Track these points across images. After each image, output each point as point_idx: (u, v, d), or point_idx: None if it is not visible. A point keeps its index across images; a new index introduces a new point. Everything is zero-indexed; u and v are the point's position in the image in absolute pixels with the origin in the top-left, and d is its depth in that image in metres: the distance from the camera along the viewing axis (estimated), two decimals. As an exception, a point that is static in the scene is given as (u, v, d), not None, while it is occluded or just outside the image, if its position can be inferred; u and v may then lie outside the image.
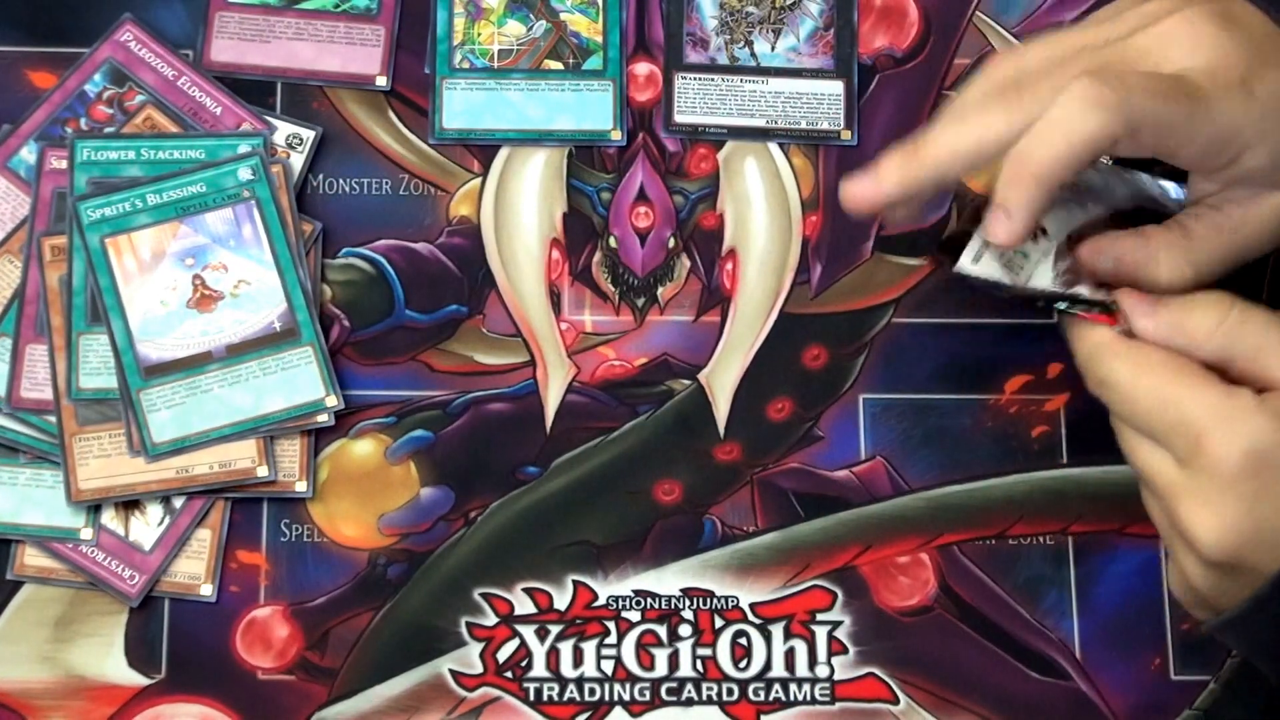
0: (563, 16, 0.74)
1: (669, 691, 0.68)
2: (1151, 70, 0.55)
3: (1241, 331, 0.55)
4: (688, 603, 0.69)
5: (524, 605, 0.68)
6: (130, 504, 0.68)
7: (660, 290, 0.72)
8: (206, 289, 0.69)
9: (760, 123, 0.73)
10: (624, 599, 0.68)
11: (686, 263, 0.72)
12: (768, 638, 0.68)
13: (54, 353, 0.69)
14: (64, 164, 0.70)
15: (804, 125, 0.73)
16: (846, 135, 0.73)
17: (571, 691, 0.67)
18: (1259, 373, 0.54)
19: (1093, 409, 0.70)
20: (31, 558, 0.68)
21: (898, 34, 0.74)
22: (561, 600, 0.68)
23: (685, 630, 0.68)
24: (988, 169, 0.56)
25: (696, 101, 0.73)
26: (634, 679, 0.68)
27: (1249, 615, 0.54)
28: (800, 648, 0.68)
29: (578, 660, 0.68)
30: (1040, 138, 0.54)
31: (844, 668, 0.68)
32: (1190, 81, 0.54)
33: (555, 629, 0.68)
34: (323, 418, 0.69)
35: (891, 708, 0.68)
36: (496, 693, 0.67)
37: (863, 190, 0.59)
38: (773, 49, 0.74)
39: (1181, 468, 0.54)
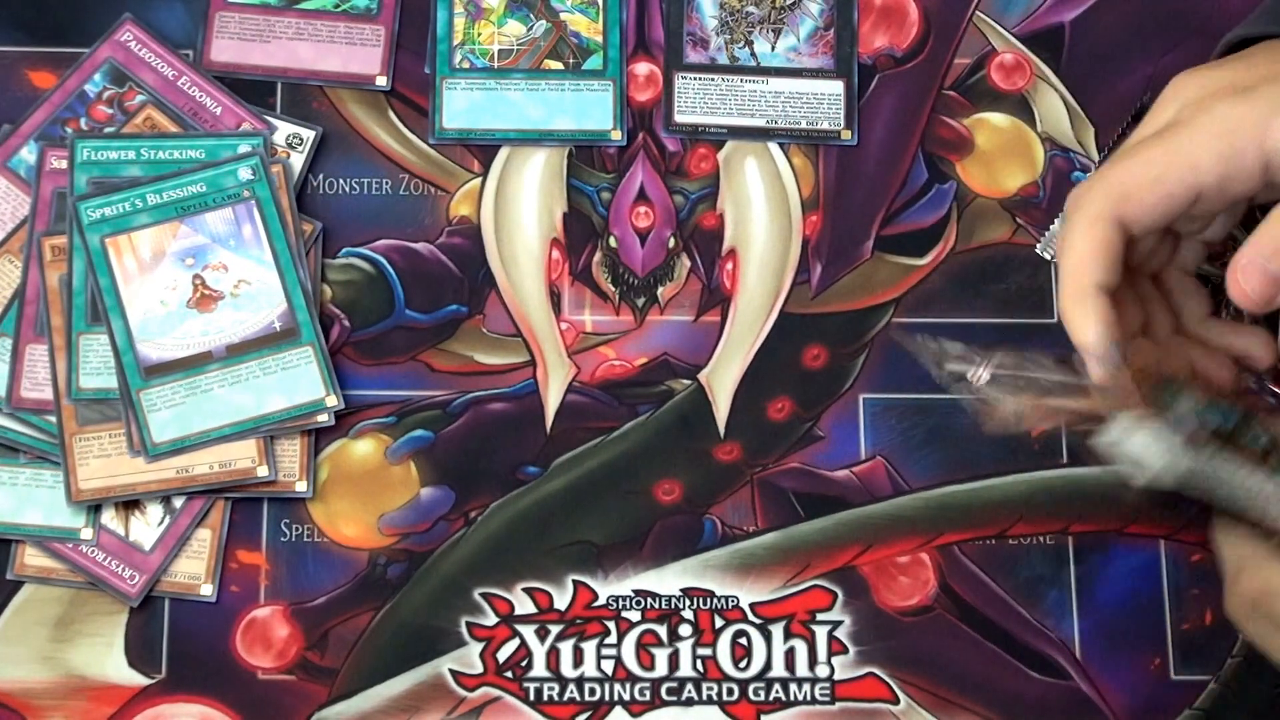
0: (563, 16, 0.74)
1: (669, 691, 0.68)
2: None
3: None
4: (688, 603, 0.69)
5: (524, 605, 0.68)
6: (130, 504, 0.68)
7: (660, 290, 0.72)
8: (206, 289, 0.69)
9: (760, 123, 0.73)
10: (624, 599, 0.68)
11: (686, 263, 0.72)
12: (768, 638, 0.68)
13: (54, 353, 0.69)
14: (64, 164, 0.70)
15: (804, 125, 0.73)
16: (846, 135, 0.73)
17: (571, 691, 0.67)
18: None
19: (1093, 409, 0.70)
20: (31, 558, 0.68)
21: (898, 34, 0.74)
22: (561, 600, 0.68)
23: (685, 630, 0.68)
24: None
25: (696, 101, 0.73)
26: (634, 679, 0.68)
27: None
28: (800, 648, 0.68)
29: (578, 660, 0.68)
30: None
31: (844, 668, 0.68)
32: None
33: (555, 629, 0.68)
34: (323, 418, 0.69)
35: (891, 708, 0.68)
36: (496, 693, 0.67)
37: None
38: (773, 49, 0.74)
39: None
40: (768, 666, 0.68)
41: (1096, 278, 0.55)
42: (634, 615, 0.68)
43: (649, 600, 0.68)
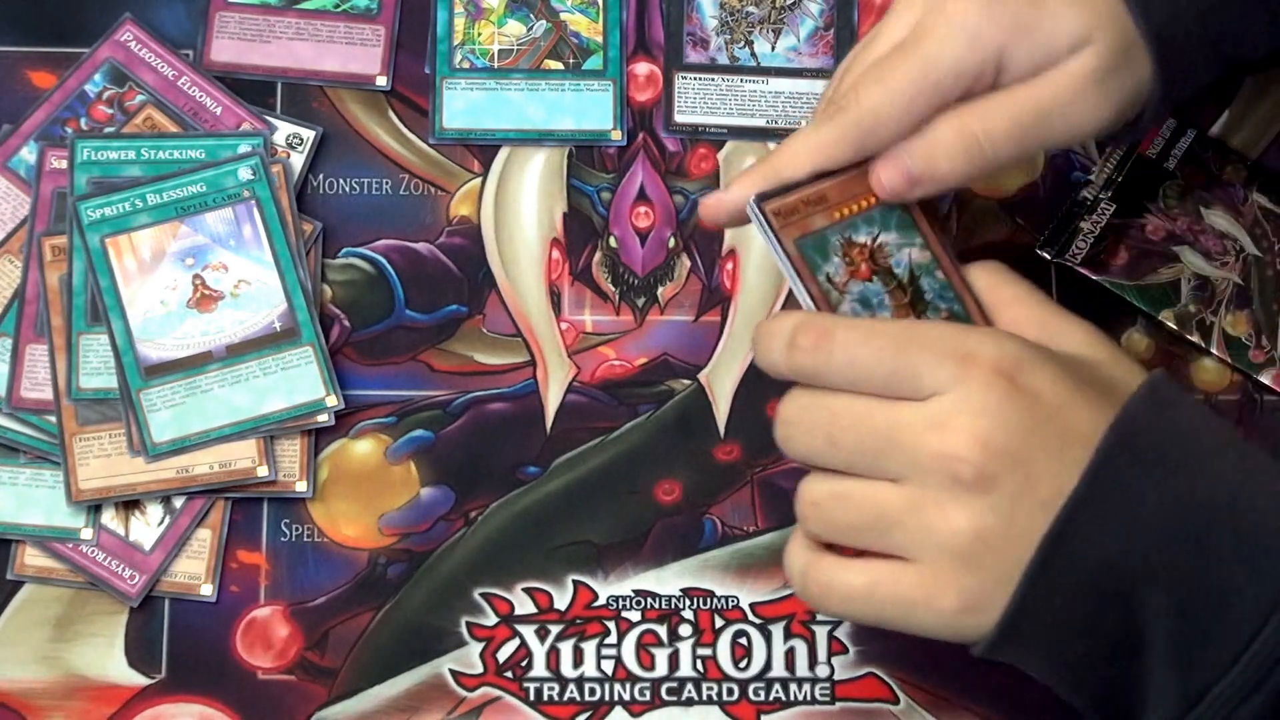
0: (563, 16, 0.74)
1: (669, 691, 0.68)
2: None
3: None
4: (688, 602, 0.68)
5: (524, 605, 0.68)
6: (130, 504, 0.68)
7: (660, 290, 0.72)
8: (206, 289, 0.69)
9: (760, 123, 0.73)
10: (624, 599, 0.68)
11: (687, 262, 0.72)
12: (768, 637, 0.68)
13: (54, 353, 0.69)
14: (64, 164, 0.70)
15: (804, 125, 0.73)
16: (846, 135, 0.73)
17: (572, 691, 0.67)
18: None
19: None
20: (31, 558, 0.68)
21: (898, 34, 0.74)
22: (561, 600, 0.68)
23: (685, 630, 0.68)
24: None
25: (696, 101, 0.73)
26: (634, 679, 0.68)
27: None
28: (800, 647, 0.68)
29: (578, 660, 0.68)
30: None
31: (844, 667, 0.68)
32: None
33: (555, 629, 0.68)
34: (323, 418, 0.69)
35: (891, 707, 0.68)
36: (497, 693, 0.67)
37: (714, 202, 0.59)
38: (773, 49, 0.74)
39: (933, 399, 0.52)
40: (768, 666, 0.68)
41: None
42: (634, 615, 0.68)
43: (649, 600, 0.68)
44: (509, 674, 0.67)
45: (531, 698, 0.67)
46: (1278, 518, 0.51)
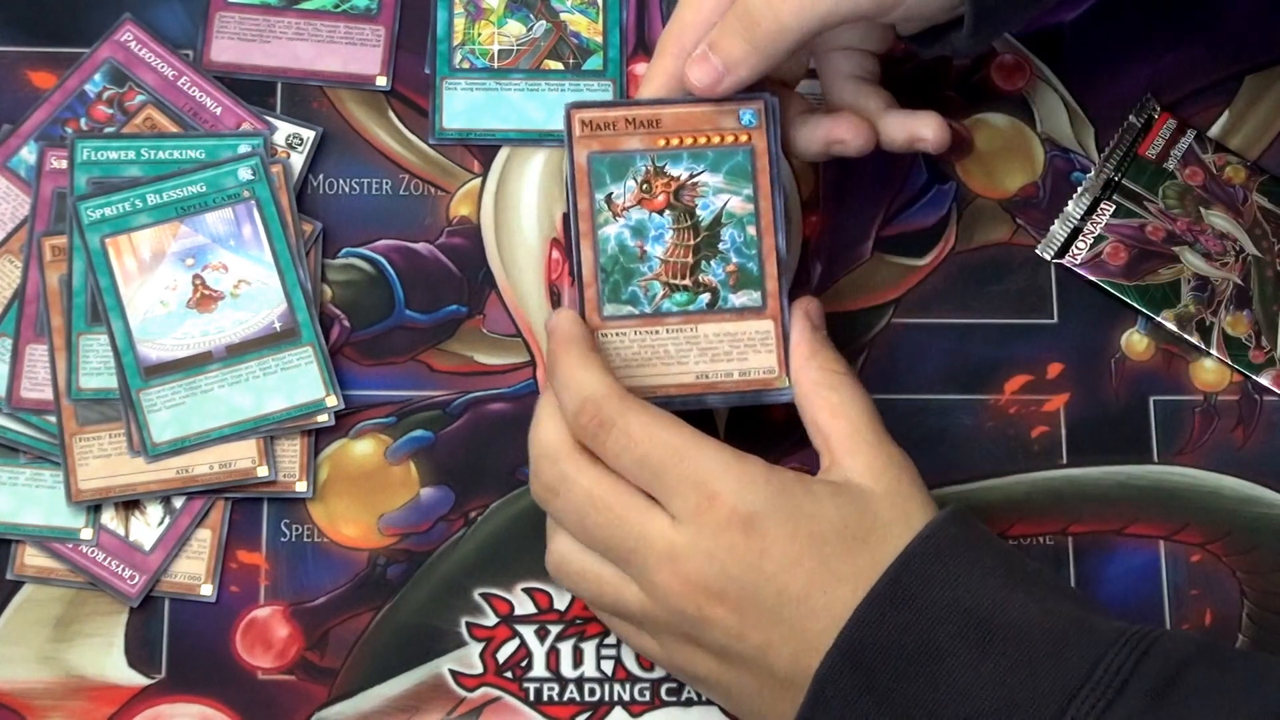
0: (563, 16, 0.74)
1: (669, 692, 0.68)
2: None
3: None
4: (688, 603, 0.68)
5: (524, 605, 0.68)
6: (130, 504, 0.68)
7: (660, 290, 0.72)
8: (206, 289, 0.69)
9: (760, 123, 0.73)
10: (624, 599, 0.68)
11: (686, 263, 0.72)
12: (768, 638, 0.68)
13: (54, 353, 0.69)
14: (64, 164, 0.70)
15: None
16: (846, 135, 0.73)
17: (571, 691, 0.67)
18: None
19: (1092, 410, 0.71)
20: (31, 558, 0.68)
21: (898, 34, 0.74)
22: (561, 600, 0.68)
23: (685, 630, 0.68)
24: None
25: (696, 101, 0.73)
26: (634, 679, 0.68)
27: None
28: (800, 648, 0.68)
29: (578, 660, 0.68)
30: None
31: (844, 668, 0.68)
32: None
33: (555, 629, 0.68)
34: (323, 418, 0.69)
35: (891, 708, 0.68)
36: (496, 693, 0.67)
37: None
38: (773, 49, 0.74)
39: (677, 524, 0.57)
40: (768, 666, 0.68)
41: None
42: (634, 615, 0.68)
43: (649, 600, 0.68)
44: (509, 674, 0.67)
45: (531, 698, 0.67)
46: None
